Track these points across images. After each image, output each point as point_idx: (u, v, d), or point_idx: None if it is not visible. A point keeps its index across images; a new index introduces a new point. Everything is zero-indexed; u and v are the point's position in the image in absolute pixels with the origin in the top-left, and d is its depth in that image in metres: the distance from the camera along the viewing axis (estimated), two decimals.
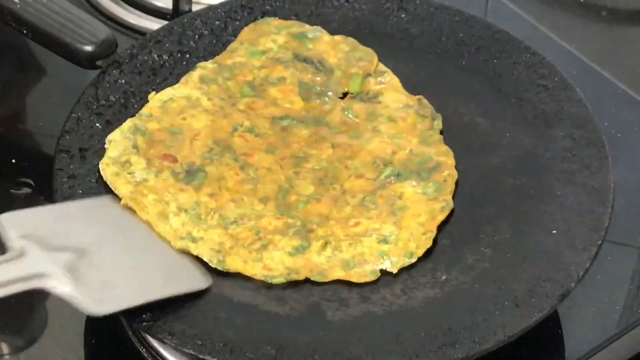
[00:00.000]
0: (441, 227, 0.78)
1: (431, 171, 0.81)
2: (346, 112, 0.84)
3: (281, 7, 0.93)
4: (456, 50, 0.90)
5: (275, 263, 0.75)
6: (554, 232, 0.77)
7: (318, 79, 0.87)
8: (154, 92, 0.85)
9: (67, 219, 0.76)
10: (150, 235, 0.77)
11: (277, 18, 0.91)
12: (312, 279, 0.75)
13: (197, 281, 0.74)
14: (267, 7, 0.93)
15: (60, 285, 0.69)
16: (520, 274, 0.75)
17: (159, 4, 1.03)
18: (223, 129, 0.82)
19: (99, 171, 0.80)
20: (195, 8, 0.98)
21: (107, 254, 0.73)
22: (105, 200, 0.79)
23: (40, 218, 0.75)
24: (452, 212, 0.79)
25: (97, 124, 0.83)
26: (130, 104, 0.85)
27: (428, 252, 0.77)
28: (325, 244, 0.76)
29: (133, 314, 0.71)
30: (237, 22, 0.92)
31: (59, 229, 0.74)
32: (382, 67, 0.88)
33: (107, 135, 0.82)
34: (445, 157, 0.82)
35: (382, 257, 0.76)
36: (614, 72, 0.99)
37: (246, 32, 0.90)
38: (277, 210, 0.78)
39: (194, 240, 0.76)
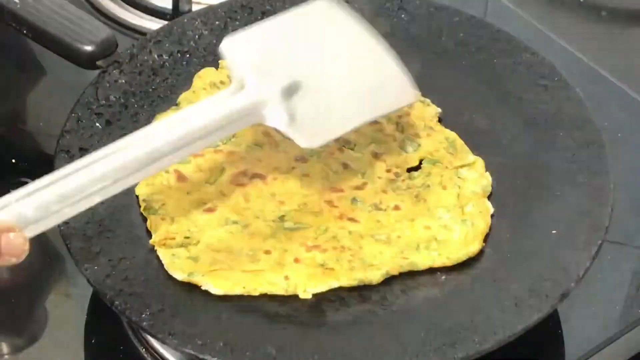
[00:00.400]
0: None
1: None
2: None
3: (281, 7, 0.93)
4: (456, 50, 0.91)
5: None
6: (554, 232, 0.77)
7: None
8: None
9: (285, 34, 0.75)
10: (369, 41, 0.76)
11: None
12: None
13: (408, 95, 0.74)
14: (267, 7, 0.93)
15: (277, 121, 0.70)
16: (520, 274, 0.75)
17: (159, 4, 1.03)
18: None
19: None
20: (195, 8, 0.98)
21: (321, 74, 0.73)
22: (321, 5, 0.78)
23: (259, 37, 0.74)
24: None
25: (97, 124, 0.83)
26: (130, 104, 0.85)
27: None
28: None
29: (133, 313, 0.71)
30: (237, 22, 0.92)
31: (278, 47, 0.73)
32: None
33: (106, 135, 0.82)
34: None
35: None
36: (614, 72, 0.99)
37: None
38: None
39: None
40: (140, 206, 0.78)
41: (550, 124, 0.84)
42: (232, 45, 0.74)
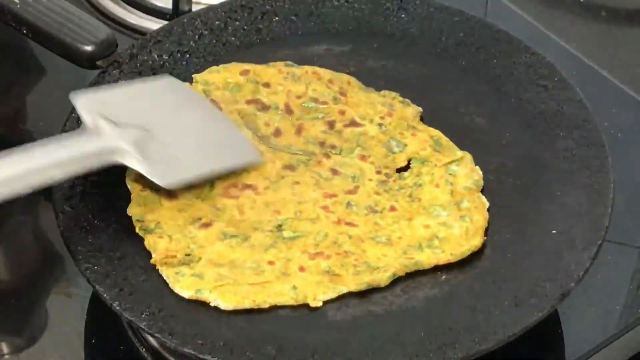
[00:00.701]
0: None
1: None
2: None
3: (281, 7, 0.93)
4: (456, 50, 0.91)
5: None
6: (554, 232, 0.77)
7: None
8: None
9: (135, 97, 0.81)
10: (210, 111, 0.82)
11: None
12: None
13: (252, 155, 0.80)
14: (267, 7, 0.93)
15: (131, 161, 0.75)
16: (520, 274, 0.75)
17: (159, 4, 1.03)
18: None
19: (99, 170, 0.80)
20: (195, 8, 0.98)
21: (171, 130, 0.78)
22: (168, 80, 0.84)
23: (111, 97, 0.80)
24: None
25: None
26: None
27: None
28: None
29: (133, 313, 0.71)
30: (237, 22, 0.92)
31: (128, 107, 0.79)
32: None
33: None
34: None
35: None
36: (614, 72, 0.99)
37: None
38: None
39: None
40: (135, 226, 0.78)
41: (550, 124, 0.84)
42: (84, 97, 0.78)
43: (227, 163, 0.79)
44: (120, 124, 0.76)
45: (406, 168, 0.82)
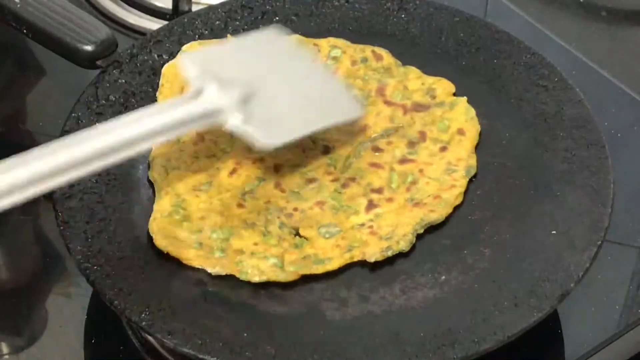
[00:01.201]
0: (441, 227, 0.79)
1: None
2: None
3: (281, 7, 0.93)
4: (456, 50, 0.91)
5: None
6: (554, 232, 0.77)
7: None
8: None
9: (240, 53, 0.81)
10: (314, 63, 0.83)
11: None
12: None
13: (355, 110, 0.81)
14: (267, 7, 0.93)
15: (233, 121, 0.75)
16: (520, 274, 0.75)
17: (159, 4, 1.03)
18: None
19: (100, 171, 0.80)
20: (195, 8, 0.98)
21: (274, 87, 0.79)
22: (273, 33, 0.85)
23: (216, 55, 0.81)
24: (452, 212, 0.79)
25: (97, 124, 0.83)
26: (130, 104, 0.85)
27: (428, 252, 0.77)
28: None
29: (133, 313, 0.71)
30: (237, 22, 0.92)
31: (233, 64, 0.80)
32: None
33: None
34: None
35: None
36: (614, 72, 0.99)
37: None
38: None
39: None
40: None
41: (550, 124, 0.84)
42: (190, 59, 0.79)
43: (331, 119, 0.80)
44: (224, 82, 0.76)
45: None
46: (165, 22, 0.94)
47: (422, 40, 0.91)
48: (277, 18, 0.92)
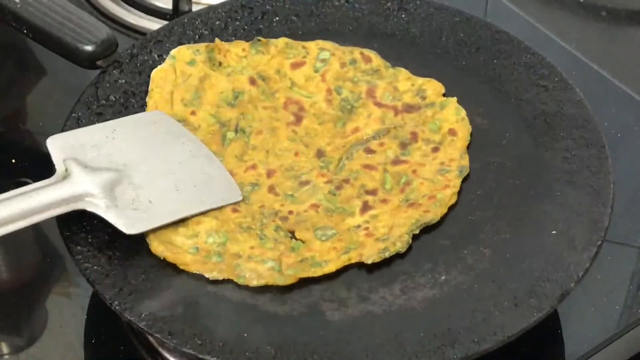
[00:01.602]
0: (441, 227, 0.79)
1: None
2: None
3: (281, 7, 0.93)
4: (456, 50, 0.91)
5: None
6: (554, 232, 0.77)
7: None
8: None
9: (114, 136, 0.80)
10: (194, 146, 0.81)
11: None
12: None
13: (232, 194, 0.79)
14: (267, 7, 0.93)
15: (97, 207, 0.74)
16: (519, 274, 0.75)
17: (159, 4, 1.03)
18: None
19: None
20: (195, 8, 0.98)
21: (147, 171, 0.78)
22: (154, 115, 0.83)
23: (86, 138, 0.79)
24: (452, 212, 0.79)
25: (97, 124, 0.83)
26: (130, 104, 0.85)
27: (428, 252, 0.77)
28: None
29: (133, 313, 0.71)
30: (237, 22, 0.92)
31: (105, 148, 0.79)
32: None
33: None
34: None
35: None
36: (614, 72, 0.99)
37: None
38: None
39: None
40: None
41: (550, 124, 0.84)
42: (57, 144, 0.78)
43: (204, 204, 0.78)
44: (92, 167, 0.76)
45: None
46: (165, 22, 0.94)
47: (422, 40, 0.91)
48: (277, 18, 0.92)
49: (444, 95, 0.87)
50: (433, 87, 0.86)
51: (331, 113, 0.86)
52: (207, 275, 0.75)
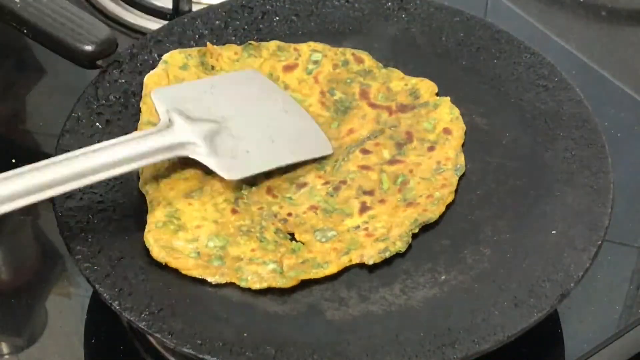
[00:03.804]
0: (441, 227, 0.79)
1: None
2: None
3: (281, 7, 0.93)
4: (456, 50, 0.91)
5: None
6: (554, 232, 0.77)
7: None
8: None
9: (212, 91, 0.84)
10: (287, 102, 0.85)
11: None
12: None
13: (323, 148, 0.83)
14: (267, 7, 0.93)
15: (199, 155, 0.78)
16: (519, 274, 0.75)
17: (159, 4, 1.03)
18: None
19: None
20: (195, 8, 0.98)
21: (243, 123, 0.82)
22: (250, 72, 0.87)
23: (187, 91, 0.83)
24: (452, 212, 0.79)
25: (97, 124, 0.83)
26: (130, 104, 0.85)
27: (428, 252, 0.77)
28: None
29: (133, 313, 0.71)
30: (237, 22, 0.92)
31: (204, 101, 0.82)
32: None
33: (106, 135, 0.82)
34: None
35: None
36: (614, 72, 0.99)
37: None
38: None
39: None
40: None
41: (550, 124, 0.84)
42: (160, 96, 0.81)
43: (297, 156, 0.82)
44: (193, 118, 0.79)
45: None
46: (165, 22, 0.94)
47: (422, 40, 0.91)
48: (277, 18, 0.92)
49: (437, 94, 0.87)
50: (426, 87, 0.87)
51: (325, 115, 0.86)
52: (209, 280, 0.75)
